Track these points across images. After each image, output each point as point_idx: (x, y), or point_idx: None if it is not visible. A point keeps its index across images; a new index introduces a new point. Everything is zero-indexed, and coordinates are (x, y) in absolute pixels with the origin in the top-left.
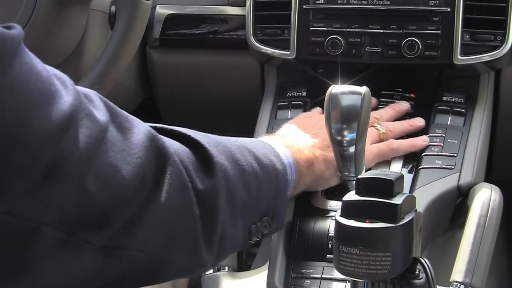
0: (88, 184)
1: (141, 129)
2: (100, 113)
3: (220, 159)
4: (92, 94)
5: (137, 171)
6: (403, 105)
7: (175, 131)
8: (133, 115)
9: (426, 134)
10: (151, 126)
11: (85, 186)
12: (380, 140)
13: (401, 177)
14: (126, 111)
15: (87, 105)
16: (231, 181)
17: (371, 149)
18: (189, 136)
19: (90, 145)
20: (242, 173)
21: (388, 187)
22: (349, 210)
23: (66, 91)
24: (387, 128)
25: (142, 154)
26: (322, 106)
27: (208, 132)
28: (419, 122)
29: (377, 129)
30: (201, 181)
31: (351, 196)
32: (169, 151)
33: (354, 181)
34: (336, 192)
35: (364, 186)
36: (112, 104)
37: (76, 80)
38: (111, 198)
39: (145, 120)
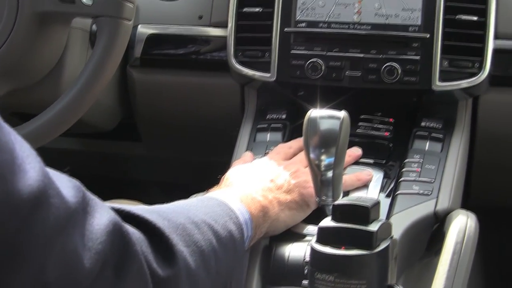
0: (48, 270)
1: (104, 214)
2: (69, 194)
3: (181, 246)
4: (60, 175)
5: (97, 258)
6: (357, 151)
7: (138, 216)
8: (112, 134)
9: (404, 159)
10: (115, 209)
11: (45, 272)
12: None
13: (377, 204)
14: (105, 129)
15: (55, 184)
16: (191, 268)
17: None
18: (151, 223)
19: (56, 227)
20: (202, 256)
21: (364, 213)
22: (324, 236)
23: (33, 166)
24: None
25: (104, 240)
26: (301, 130)
27: (187, 153)
28: (356, 151)
29: None
30: (162, 271)
31: (327, 222)
32: (131, 240)
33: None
34: (314, 216)
35: (340, 213)
36: (79, 184)
37: (55, 98)
38: (69, 286)
39: (124, 139)
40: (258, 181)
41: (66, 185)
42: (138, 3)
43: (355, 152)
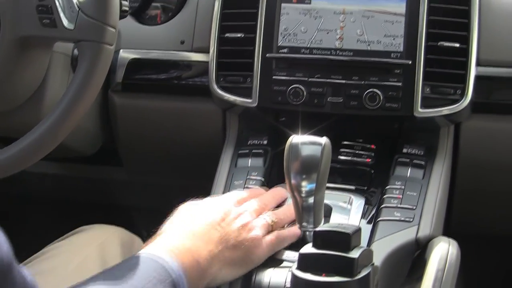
0: None
1: None
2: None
3: None
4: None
5: None
6: (283, 193)
7: None
8: (93, 158)
9: (386, 186)
10: None
11: None
12: (271, 231)
13: (358, 230)
14: (86, 154)
15: None
16: None
17: (264, 243)
18: None
19: None
20: None
21: (345, 240)
22: (305, 263)
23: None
24: (276, 217)
25: None
26: (282, 156)
27: (169, 178)
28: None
29: (266, 220)
30: None
31: (308, 248)
32: None
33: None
34: (295, 242)
35: (321, 239)
36: None
37: (37, 122)
38: None
39: (105, 164)
40: (203, 230)
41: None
42: (120, 28)
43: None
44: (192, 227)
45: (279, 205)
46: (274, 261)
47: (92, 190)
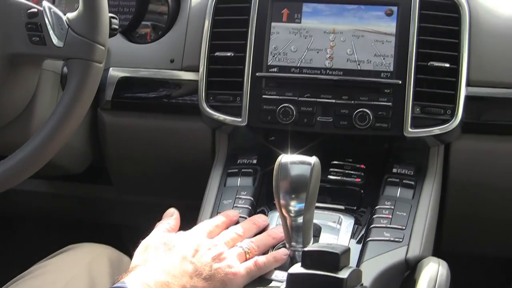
0: None
1: None
2: None
3: None
4: None
5: None
6: (262, 220)
7: None
8: (82, 177)
9: (375, 206)
10: None
11: None
12: (247, 259)
13: (347, 250)
14: (75, 172)
15: None
16: None
17: (240, 272)
18: None
19: None
20: None
21: (334, 260)
22: (294, 283)
23: None
24: (251, 246)
25: None
26: (272, 175)
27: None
28: (279, 232)
29: (242, 248)
30: None
31: (297, 268)
32: None
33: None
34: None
35: (310, 259)
36: None
37: (25, 140)
38: None
39: (94, 182)
40: (176, 265)
41: None
42: (109, 46)
43: (278, 233)
44: (165, 262)
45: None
46: (263, 281)
47: (81, 208)
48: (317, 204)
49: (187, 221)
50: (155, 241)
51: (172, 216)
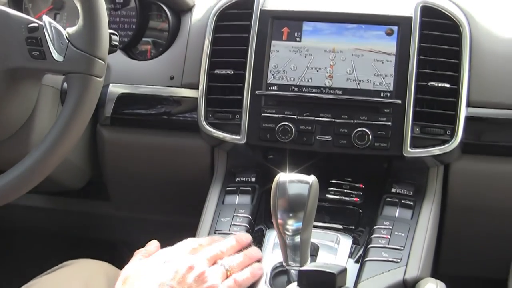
0: None
1: None
2: None
3: None
4: None
5: None
6: (245, 238)
7: None
8: (80, 192)
9: (374, 226)
10: None
11: None
12: (227, 277)
13: (344, 270)
14: (73, 188)
15: None
16: None
17: None
18: None
19: None
20: None
21: (330, 280)
22: None
23: None
24: (232, 264)
25: None
26: (270, 193)
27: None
28: (255, 253)
29: (224, 266)
30: None
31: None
32: None
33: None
34: (280, 280)
35: (306, 278)
36: None
37: (24, 155)
38: None
39: (92, 198)
40: (162, 286)
41: None
42: (110, 62)
43: (254, 254)
44: (147, 285)
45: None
46: None
47: (79, 224)
48: (315, 223)
49: (185, 239)
50: (132, 271)
51: (152, 245)
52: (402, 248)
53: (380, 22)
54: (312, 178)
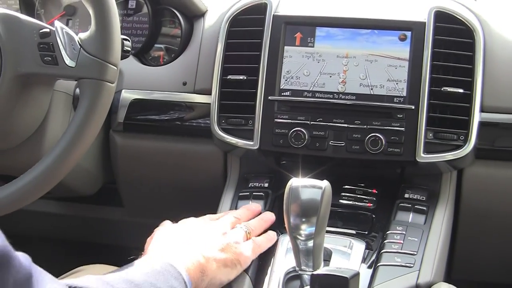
0: None
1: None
2: (26, 261)
3: None
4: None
5: None
6: (255, 206)
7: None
8: (94, 198)
9: (387, 231)
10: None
11: None
12: (248, 239)
13: (357, 275)
14: (86, 194)
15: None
16: None
17: (247, 246)
18: None
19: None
20: None
21: (343, 284)
22: None
23: None
24: (249, 228)
25: None
26: (283, 198)
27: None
28: (270, 216)
29: (243, 229)
30: None
31: None
32: None
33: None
34: (293, 285)
35: (319, 283)
36: (29, 257)
37: (37, 161)
38: None
39: (105, 204)
40: (193, 240)
41: (21, 255)
42: (122, 68)
43: (269, 216)
44: (181, 240)
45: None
46: None
47: (92, 229)
48: (328, 228)
49: None
50: (162, 230)
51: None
52: (415, 253)
53: (393, 27)
54: (325, 183)
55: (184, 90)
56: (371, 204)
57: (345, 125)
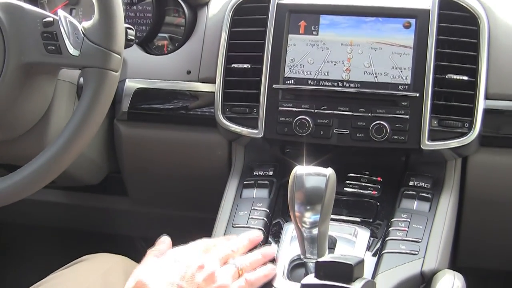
0: None
1: None
2: None
3: None
4: None
5: None
6: (257, 235)
7: None
8: (98, 188)
9: (391, 218)
10: None
11: None
12: (238, 276)
13: (361, 262)
14: (91, 183)
15: None
16: None
17: None
18: None
19: None
20: None
21: (347, 271)
22: None
23: None
24: (244, 264)
25: None
26: (288, 186)
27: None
28: (270, 251)
29: (236, 266)
30: None
31: (310, 279)
32: None
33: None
34: (298, 273)
35: (324, 270)
36: None
37: (41, 150)
38: None
39: (110, 193)
40: (172, 285)
41: None
42: (126, 57)
43: (269, 252)
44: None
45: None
46: None
47: (97, 219)
48: (333, 216)
49: (202, 234)
50: (143, 272)
51: (163, 243)
52: (420, 240)
53: (397, 15)
54: (329, 171)
55: (188, 79)
56: (376, 192)
57: (350, 113)
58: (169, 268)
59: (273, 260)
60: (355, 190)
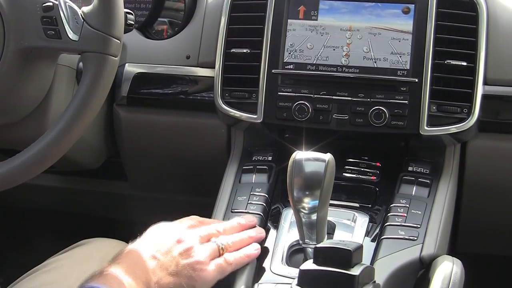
0: None
1: None
2: None
3: None
4: None
5: None
6: (250, 220)
7: None
8: (98, 172)
9: (390, 204)
10: None
11: None
12: (220, 255)
13: (360, 247)
14: (90, 167)
15: None
16: None
17: (208, 268)
18: None
19: None
20: None
21: (346, 257)
22: (305, 279)
23: None
24: (226, 243)
25: None
26: (286, 171)
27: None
28: (258, 231)
29: (216, 244)
30: None
31: (309, 265)
32: None
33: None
34: (297, 258)
35: (322, 255)
36: None
37: (40, 135)
38: None
39: (109, 178)
40: (140, 262)
41: None
42: (126, 42)
43: (257, 233)
44: (131, 261)
45: None
46: (276, 277)
47: (96, 203)
48: (332, 202)
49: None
50: (130, 246)
51: None
52: (418, 226)
53: (396, 0)
54: (328, 156)
55: (188, 63)
56: (375, 177)
57: (349, 98)
58: (148, 241)
59: (262, 242)
60: (354, 176)
